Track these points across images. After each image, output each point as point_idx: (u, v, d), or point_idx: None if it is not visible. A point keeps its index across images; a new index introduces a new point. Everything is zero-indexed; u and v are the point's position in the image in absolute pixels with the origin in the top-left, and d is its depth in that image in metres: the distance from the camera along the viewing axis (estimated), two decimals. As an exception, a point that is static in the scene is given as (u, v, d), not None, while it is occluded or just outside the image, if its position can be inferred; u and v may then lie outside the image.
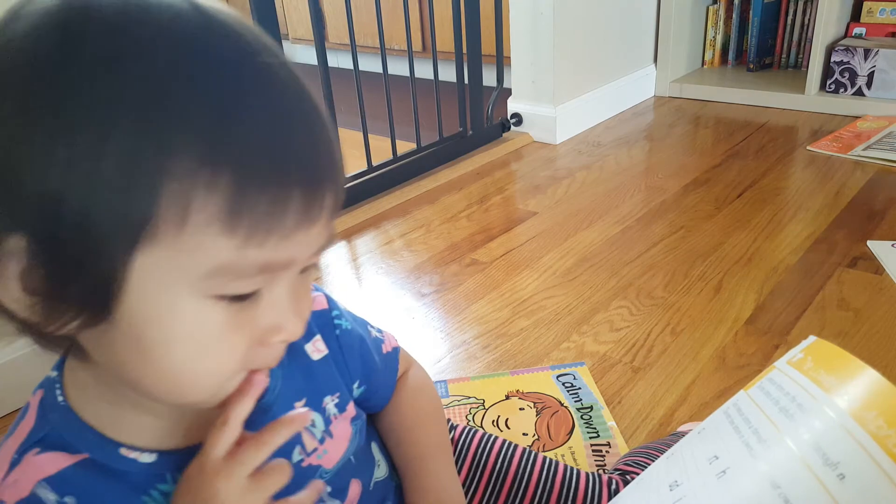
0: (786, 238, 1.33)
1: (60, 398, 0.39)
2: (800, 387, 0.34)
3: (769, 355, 0.99)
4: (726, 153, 1.79)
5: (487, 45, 1.89)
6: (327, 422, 0.48)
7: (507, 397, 0.96)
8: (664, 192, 1.58)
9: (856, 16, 2.09)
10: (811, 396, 0.33)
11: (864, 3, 2.06)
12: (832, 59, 2.00)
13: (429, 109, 1.78)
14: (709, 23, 2.37)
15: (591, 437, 0.88)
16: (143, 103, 0.28)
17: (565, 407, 0.93)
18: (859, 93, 1.99)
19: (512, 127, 2.01)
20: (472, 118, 1.90)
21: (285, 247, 0.32)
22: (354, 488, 0.49)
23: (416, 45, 2.53)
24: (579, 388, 0.96)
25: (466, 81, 1.85)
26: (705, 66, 2.43)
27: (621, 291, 1.19)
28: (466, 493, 0.59)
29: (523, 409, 0.94)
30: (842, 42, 2.00)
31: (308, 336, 0.48)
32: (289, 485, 0.42)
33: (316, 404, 0.47)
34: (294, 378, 0.46)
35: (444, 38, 1.93)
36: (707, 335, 1.06)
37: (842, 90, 2.01)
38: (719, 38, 2.39)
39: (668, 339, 1.05)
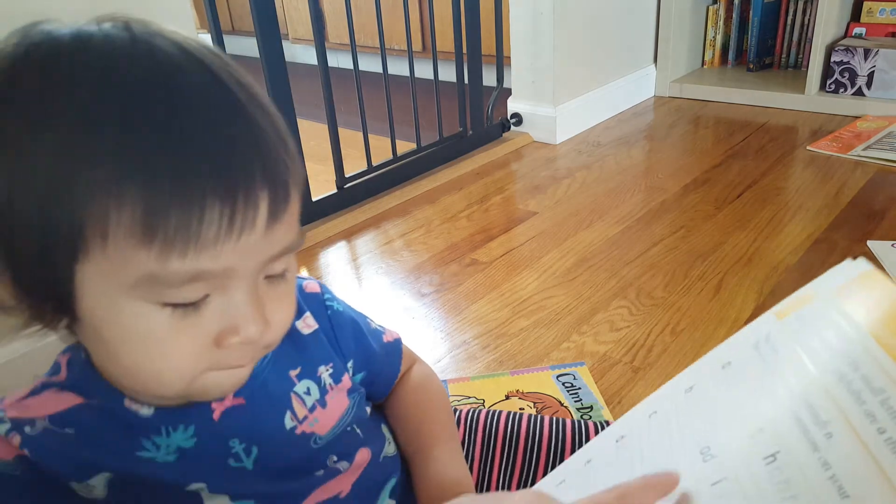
0: (786, 238, 1.33)
1: (83, 356, 0.42)
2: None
3: (769, 355, 0.99)
4: (726, 153, 1.79)
5: (487, 45, 1.89)
6: (323, 391, 0.49)
7: (507, 397, 0.96)
8: (664, 193, 1.58)
9: (856, 16, 2.09)
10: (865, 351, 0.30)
11: (864, 2, 2.06)
12: (832, 59, 2.00)
13: (429, 109, 1.78)
14: (709, 23, 2.37)
15: (591, 437, 0.88)
16: (63, 130, 0.32)
17: (565, 407, 0.93)
18: (859, 93, 1.99)
19: (512, 127, 2.01)
20: (472, 118, 1.90)
21: (213, 256, 0.34)
22: (363, 454, 0.51)
23: (416, 45, 2.53)
24: (579, 388, 0.96)
25: (466, 81, 1.85)
26: (705, 66, 2.44)
27: (621, 291, 1.19)
28: (483, 467, 0.60)
29: (523, 409, 0.94)
30: (842, 42, 2.01)
31: (298, 314, 0.50)
32: (284, 451, 0.46)
33: (311, 373, 0.49)
34: (286, 350, 0.47)
35: (444, 38, 1.93)
36: (707, 335, 1.06)
37: (842, 90, 2.01)
38: (719, 37, 2.39)
39: (669, 339, 1.05)
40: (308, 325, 0.50)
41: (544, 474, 0.59)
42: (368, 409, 0.54)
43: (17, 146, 0.32)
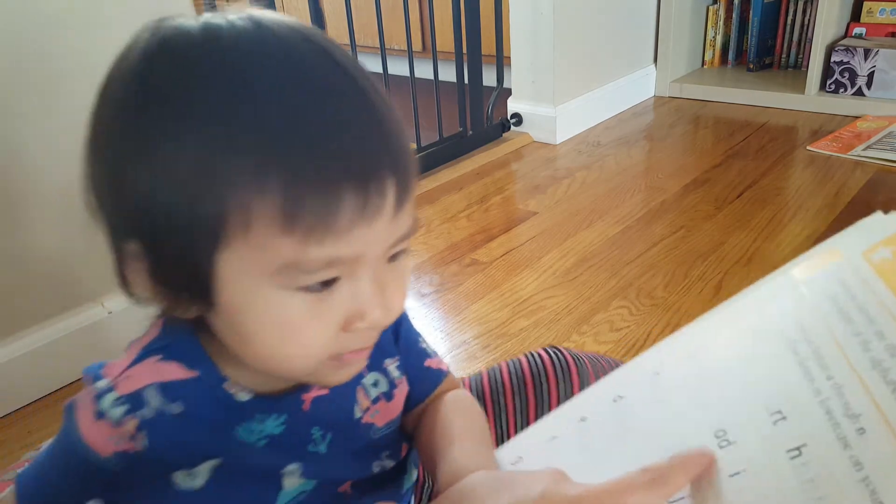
0: (786, 238, 1.33)
1: (185, 322, 0.42)
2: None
3: (769, 355, 0.99)
4: (726, 153, 1.79)
5: (487, 45, 1.89)
6: (391, 384, 0.51)
7: (508, 397, 0.96)
8: (664, 192, 1.58)
9: (856, 16, 2.09)
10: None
11: (864, 3, 2.06)
12: (832, 59, 2.00)
13: (429, 109, 1.78)
14: (709, 23, 2.37)
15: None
16: (203, 123, 0.33)
17: (565, 407, 0.93)
18: (859, 93, 1.99)
19: (512, 127, 2.01)
20: (472, 118, 1.90)
21: (347, 242, 0.35)
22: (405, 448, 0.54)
23: (416, 45, 2.53)
24: (579, 388, 0.96)
25: (466, 81, 1.85)
26: (705, 66, 2.44)
27: (621, 291, 1.19)
28: (498, 421, 0.60)
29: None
30: (842, 42, 2.01)
31: None
32: (351, 438, 0.48)
33: (378, 366, 0.51)
34: None
35: (444, 38, 1.93)
36: (707, 335, 1.05)
37: (842, 90, 2.01)
38: (719, 37, 2.39)
39: (668, 339, 1.05)
40: None
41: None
42: None
43: (158, 141, 0.34)
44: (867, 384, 0.26)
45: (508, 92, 2.02)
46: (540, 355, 0.64)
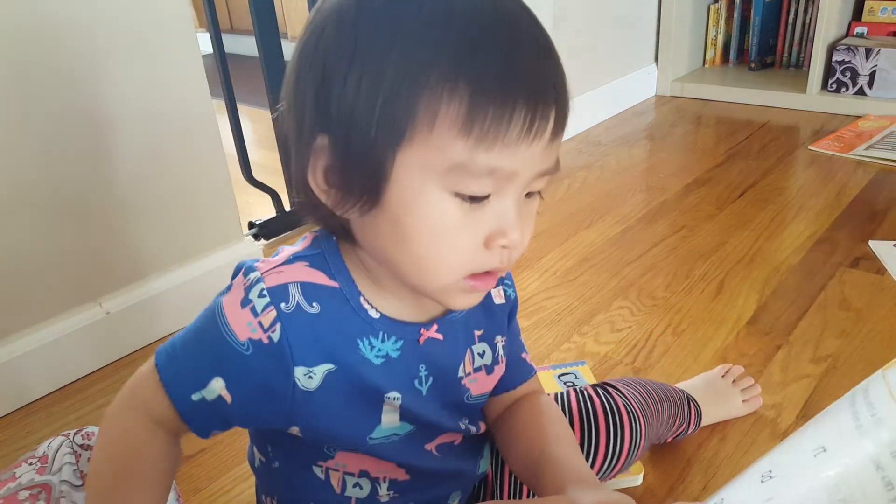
0: (787, 238, 1.32)
1: (334, 239, 0.48)
2: None
3: (771, 356, 0.99)
4: (727, 153, 1.79)
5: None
6: (495, 360, 0.56)
7: (508, 398, 0.95)
8: (665, 192, 1.58)
9: (857, 15, 2.09)
10: None
11: (866, 2, 2.06)
12: (834, 59, 1.99)
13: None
14: (710, 22, 2.36)
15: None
16: (409, 37, 0.39)
17: (566, 408, 0.93)
18: (861, 92, 1.98)
19: (512, 126, 2.01)
20: (473, 117, 1.89)
21: (509, 155, 0.40)
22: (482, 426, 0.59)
23: (417, 44, 2.53)
24: (580, 389, 0.96)
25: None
26: (706, 66, 2.43)
27: (622, 292, 1.19)
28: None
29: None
30: (843, 41, 2.00)
31: (496, 283, 0.54)
32: (448, 391, 0.52)
33: (489, 338, 0.56)
34: (476, 310, 0.53)
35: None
36: (708, 336, 1.05)
37: (843, 89, 2.01)
38: (721, 37, 2.38)
39: (670, 339, 1.05)
40: (499, 296, 0.57)
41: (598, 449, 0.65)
42: None
43: (369, 55, 0.39)
44: None
45: (509, 91, 2.01)
46: (591, 396, 0.67)
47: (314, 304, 0.46)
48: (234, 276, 0.48)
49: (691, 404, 0.81)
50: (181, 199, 1.13)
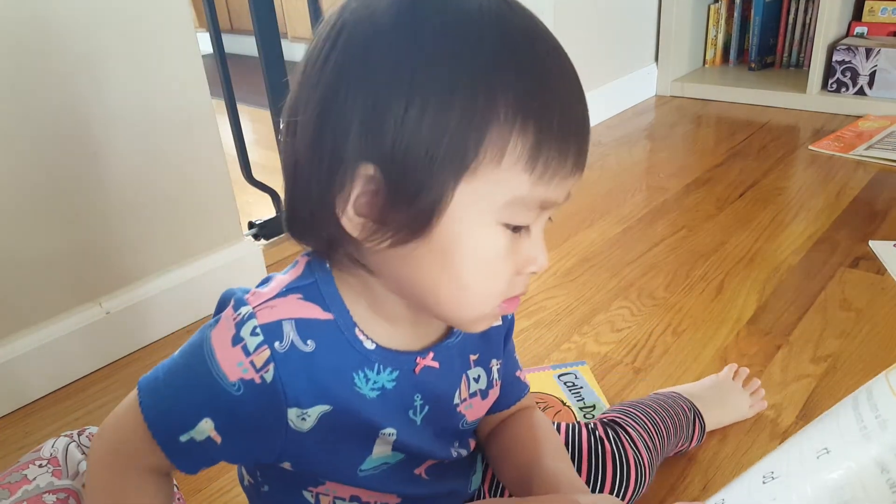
0: (787, 238, 1.32)
1: (328, 266, 0.46)
2: None
3: (771, 356, 0.99)
4: (728, 153, 1.79)
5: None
6: (490, 384, 0.55)
7: (508, 398, 0.96)
8: (665, 192, 1.58)
9: (857, 15, 2.09)
10: None
11: (866, 2, 2.05)
12: (834, 59, 1.99)
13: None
14: (710, 21, 2.36)
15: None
16: (477, 72, 0.38)
17: (567, 406, 0.93)
18: (861, 92, 1.98)
19: (512, 126, 2.01)
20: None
21: (557, 188, 0.42)
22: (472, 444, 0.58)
23: (417, 44, 2.53)
24: (581, 388, 0.96)
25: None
26: (707, 65, 2.43)
27: (622, 292, 1.19)
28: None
29: (524, 410, 0.93)
30: (843, 41, 2.00)
31: None
32: (443, 419, 0.52)
33: (485, 363, 0.55)
34: (473, 335, 0.53)
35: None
36: (709, 336, 1.05)
37: (843, 89, 2.01)
38: (721, 36, 2.38)
39: (670, 339, 1.05)
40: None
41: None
42: None
43: (432, 88, 0.38)
44: None
45: (509, 91, 2.01)
46: (601, 439, 0.66)
47: (309, 341, 0.44)
48: (220, 306, 0.46)
49: (696, 421, 0.80)
50: (181, 199, 1.13)
